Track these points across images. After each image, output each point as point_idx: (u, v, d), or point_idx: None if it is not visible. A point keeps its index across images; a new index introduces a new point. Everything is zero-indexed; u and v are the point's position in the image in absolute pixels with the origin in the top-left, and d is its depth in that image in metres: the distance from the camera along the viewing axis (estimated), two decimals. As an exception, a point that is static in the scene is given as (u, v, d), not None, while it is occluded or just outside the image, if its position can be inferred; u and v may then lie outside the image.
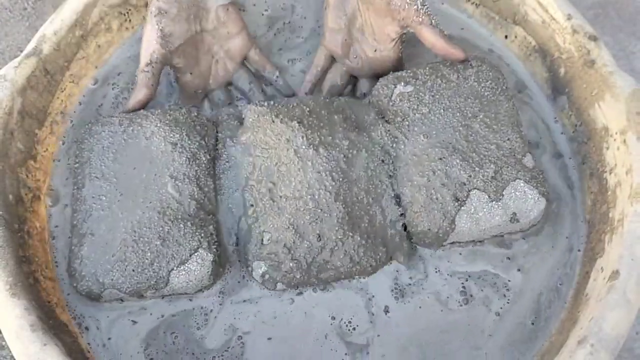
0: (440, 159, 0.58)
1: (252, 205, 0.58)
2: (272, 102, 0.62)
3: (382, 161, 0.60)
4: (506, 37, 0.71)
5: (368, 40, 0.65)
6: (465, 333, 0.56)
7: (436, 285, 0.58)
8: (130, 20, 0.70)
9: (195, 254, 0.55)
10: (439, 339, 0.56)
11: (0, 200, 0.54)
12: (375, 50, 0.65)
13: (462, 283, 0.58)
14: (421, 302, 0.57)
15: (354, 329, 0.56)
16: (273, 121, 0.59)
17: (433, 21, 0.61)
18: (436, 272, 0.58)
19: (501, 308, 0.57)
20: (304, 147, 0.57)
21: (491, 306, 0.57)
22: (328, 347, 0.56)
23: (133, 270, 0.54)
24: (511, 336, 0.56)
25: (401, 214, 0.59)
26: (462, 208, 0.56)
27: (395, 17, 0.61)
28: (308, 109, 0.60)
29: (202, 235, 0.56)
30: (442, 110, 0.61)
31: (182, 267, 0.55)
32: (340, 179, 0.57)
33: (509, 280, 0.58)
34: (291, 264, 0.55)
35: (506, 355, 0.55)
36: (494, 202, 0.56)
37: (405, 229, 0.59)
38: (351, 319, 0.57)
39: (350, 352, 0.55)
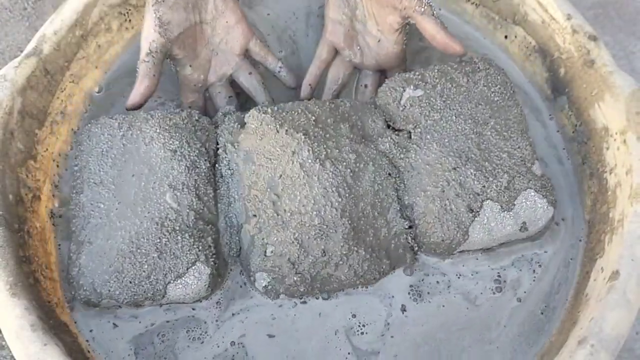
0: (455, 168, 0.57)
1: (254, 216, 0.57)
2: (275, 108, 0.60)
3: (389, 174, 0.59)
4: (506, 37, 0.70)
5: (371, 31, 0.64)
6: (481, 328, 0.56)
7: (467, 286, 0.58)
8: (130, 21, 0.70)
9: (193, 267, 0.54)
10: (454, 337, 0.56)
11: (0, 200, 0.54)
12: (378, 41, 0.64)
13: (498, 272, 0.58)
14: (445, 301, 0.57)
15: (364, 333, 0.56)
16: (278, 131, 0.57)
17: (434, 12, 0.60)
18: (458, 277, 0.58)
19: (525, 292, 0.57)
20: (310, 161, 0.56)
21: (518, 289, 0.58)
22: (334, 345, 0.55)
23: (130, 282, 0.54)
24: (522, 326, 0.56)
25: (408, 227, 0.58)
26: (476, 219, 0.56)
27: (397, 6, 0.61)
28: (314, 117, 0.59)
29: (200, 248, 0.55)
30: (454, 117, 0.60)
31: (179, 281, 0.54)
32: (347, 195, 0.56)
33: (546, 252, 0.59)
34: (295, 278, 0.55)
35: (516, 347, 0.55)
36: (505, 212, 0.56)
37: (409, 239, 0.58)
38: (365, 323, 0.56)
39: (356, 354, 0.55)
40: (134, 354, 0.55)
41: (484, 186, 0.56)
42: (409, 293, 0.57)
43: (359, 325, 0.56)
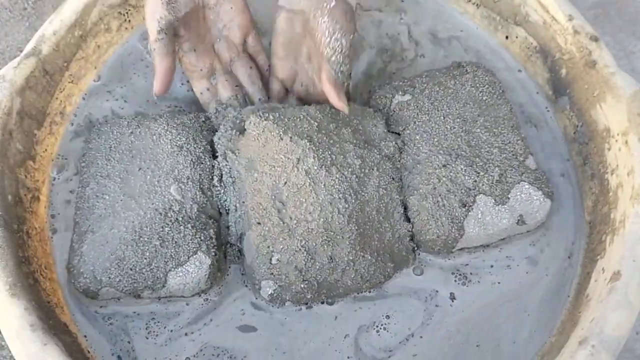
0: (445, 165, 0.58)
1: (259, 224, 0.56)
2: (276, 114, 0.58)
3: (392, 179, 0.59)
4: (507, 37, 0.70)
5: (313, 64, 0.63)
6: (526, 291, 0.57)
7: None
8: (129, 21, 0.70)
9: (194, 256, 0.55)
10: (489, 315, 0.56)
11: (-1, 201, 0.54)
12: (314, 77, 0.63)
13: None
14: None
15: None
16: (281, 138, 0.56)
17: (337, 57, 0.57)
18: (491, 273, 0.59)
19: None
20: (315, 167, 0.55)
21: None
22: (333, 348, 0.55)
23: (131, 269, 0.54)
24: (551, 283, 0.57)
25: (411, 230, 0.58)
26: (470, 213, 0.56)
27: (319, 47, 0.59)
28: (316, 123, 0.58)
29: (202, 238, 0.55)
30: (442, 117, 0.61)
31: (179, 269, 0.54)
32: (353, 201, 0.56)
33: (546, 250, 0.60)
34: (302, 285, 0.54)
35: (543, 308, 0.56)
36: (500, 206, 0.56)
37: (412, 240, 0.58)
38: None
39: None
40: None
41: (475, 181, 0.57)
42: (455, 280, 0.58)
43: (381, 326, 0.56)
